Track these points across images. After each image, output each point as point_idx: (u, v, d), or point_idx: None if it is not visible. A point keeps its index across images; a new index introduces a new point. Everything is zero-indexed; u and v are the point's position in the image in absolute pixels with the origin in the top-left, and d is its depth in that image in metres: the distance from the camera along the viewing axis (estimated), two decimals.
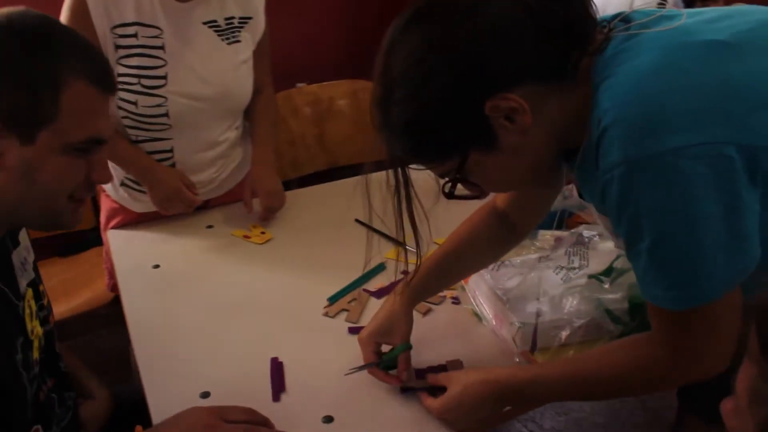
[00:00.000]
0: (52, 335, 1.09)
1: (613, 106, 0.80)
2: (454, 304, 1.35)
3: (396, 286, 1.38)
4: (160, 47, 1.51)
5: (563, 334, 1.16)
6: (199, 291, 1.42)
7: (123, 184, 1.66)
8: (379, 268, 1.46)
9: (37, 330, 1.03)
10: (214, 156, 1.69)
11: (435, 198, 0.93)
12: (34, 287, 1.05)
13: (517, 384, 1.00)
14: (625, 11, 0.89)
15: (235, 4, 1.61)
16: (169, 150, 1.61)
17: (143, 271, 1.49)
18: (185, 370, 1.19)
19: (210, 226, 1.67)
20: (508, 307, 1.20)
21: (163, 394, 1.14)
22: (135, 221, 1.68)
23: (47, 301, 1.09)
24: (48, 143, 0.88)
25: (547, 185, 1.07)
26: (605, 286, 1.21)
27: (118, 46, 1.48)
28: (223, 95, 1.61)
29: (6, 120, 0.86)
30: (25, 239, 1.06)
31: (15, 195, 0.90)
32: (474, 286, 1.31)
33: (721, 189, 0.76)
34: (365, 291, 1.40)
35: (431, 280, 1.18)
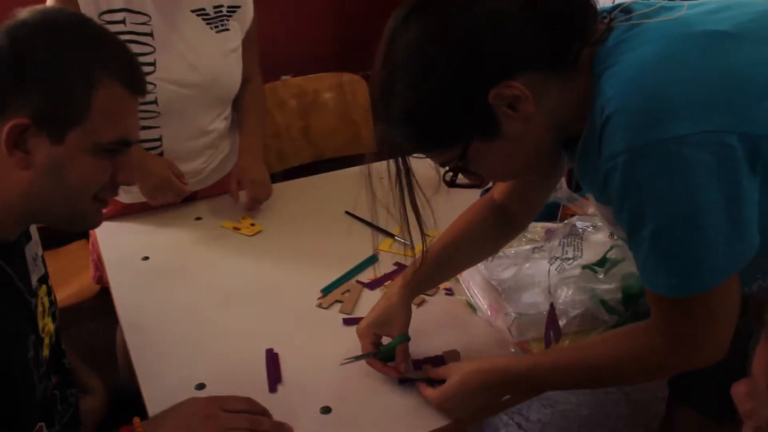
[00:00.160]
0: (59, 332, 1.07)
1: (617, 94, 0.80)
2: (448, 295, 1.35)
3: (390, 277, 1.39)
4: (149, 34, 1.49)
5: (559, 324, 1.16)
6: (190, 283, 1.40)
7: None
8: (372, 260, 1.46)
9: (48, 327, 1.01)
10: (202, 145, 1.68)
11: (433, 190, 0.93)
12: (45, 283, 1.03)
13: (517, 373, 1.00)
14: (625, 1, 0.90)
15: None
16: (158, 138, 1.59)
17: (132, 263, 1.47)
18: (179, 361, 1.18)
19: (198, 218, 1.65)
20: (503, 297, 1.20)
21: (158, 386, 1.12)
22: (121, 212, 1.65)
23: (54, 297, 1.07)
24: (77, 143, 0.87)
25: (547, 174, 1.08)
26: (599, 276, 1.22)
27: None
28: (211, 82, 1.60)
29: (37, 119, 0.84)
30: (35, 233, 1.04)
31: (42, 194, 0.88)
32: (468, 277, 1.31)
33: (723, 177, 0.77)
34: (358, 282, 1.39)
35: (430, 272, 1.18)
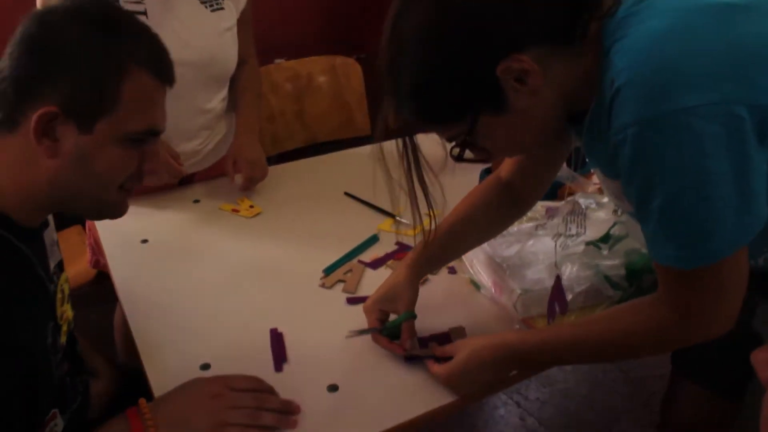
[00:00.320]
0: (73, 319, 1.07)
1: (627, 67, 0.80)
2: (451, 273, 1.35)
3: (392, 257, 1.39)
4: (143, 12, 1.47)
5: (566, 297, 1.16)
6: (191, 265, 1.39)
7: None
8: (373, 240, 1.46)
9: (67, 314, 1.00)
10: (199, 126, 1.66)
11: (438, 168, 0.92)
12: (63, 269, 1.02)
13: (526, 348, 1.00)
14: None
15: None
16: None
17: (132, 246, 1.46)
18: (183, 342, 1.17)
19: (197, 201, 1.64)
20: (508, 274, 1.20)
21: (163, 367, 1.11)
22: None
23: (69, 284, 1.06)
24: (105, 133, 0.86)
25: (554, 148, 1.07)
26: (603, 252, 1.23)
27: None
28: (208, 60, 1.58)
29: (66, 108, 0.83)
30: (50, 218, 1.02)
31: (69, 182, 0.87)
32: (471, 254, 1.30)
33: (732, 149, 0.77)
34: (360, 262, 1.39)
35: (438, 251, 1.17)
